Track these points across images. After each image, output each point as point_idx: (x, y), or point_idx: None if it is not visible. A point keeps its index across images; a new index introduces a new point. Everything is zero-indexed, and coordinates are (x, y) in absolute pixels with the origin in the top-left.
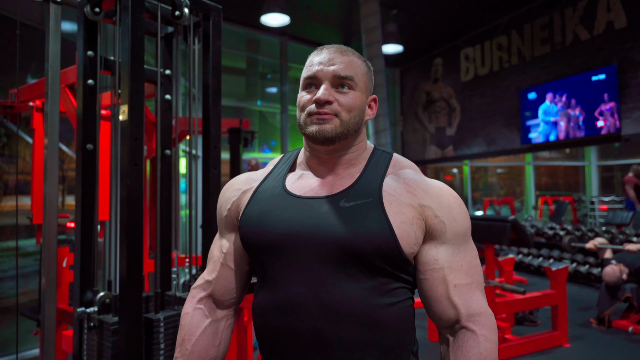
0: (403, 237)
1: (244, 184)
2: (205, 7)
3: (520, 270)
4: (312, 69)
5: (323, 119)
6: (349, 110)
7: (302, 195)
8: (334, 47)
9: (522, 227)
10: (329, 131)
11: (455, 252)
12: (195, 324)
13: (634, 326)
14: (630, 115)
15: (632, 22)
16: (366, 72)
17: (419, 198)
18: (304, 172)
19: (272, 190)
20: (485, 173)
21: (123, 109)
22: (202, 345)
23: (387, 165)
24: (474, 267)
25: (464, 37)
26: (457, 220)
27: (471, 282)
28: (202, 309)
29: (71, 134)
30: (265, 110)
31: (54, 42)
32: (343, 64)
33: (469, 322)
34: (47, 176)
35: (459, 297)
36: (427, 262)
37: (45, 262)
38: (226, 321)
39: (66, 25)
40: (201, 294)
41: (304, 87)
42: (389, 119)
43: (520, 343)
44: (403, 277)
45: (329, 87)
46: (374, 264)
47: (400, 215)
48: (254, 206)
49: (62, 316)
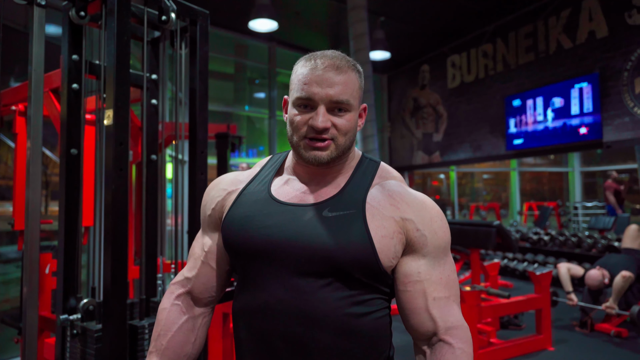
0: (383, 251)
1: (230, 185)
2: (192, 12)
3: (505, 275)
4: (307, 89)
5: (320, 146)
6: (345, 133)
7: (287, 202)
8: (328, 60)
9: (507, 232)
10: (324, 157)
11: (435, 265)
12: (172, 320)
13: (615, 329)
14: (612, 122)
15: (613, 31)
16: (360, 84)
17: (401, 211)
18: (290, 177)
19: (258, 195)
20: (471, 179)
21: (108, 114)
22: (178, 341)
23: (373, 175)
24: (452, 281)
25: (450, 45)
26: (438, 234)
27: (449, 296)
28: (179, 305)
29: (55, 138)
30: (253, 115)
31: (37, 45)
32: (340, 86)
33: (447, 335)
34: (29, 181)
35: (437, 310)
36: (409, 275)
37: (27, 269)
38: (203, 318)
39: (51, 29)
40: (180, 290)
41: (297, 105)
42: (376, 125)
43: (506, 347)
44: (380, 288)
45: (325, 112)
46: (353, 275)
47: (381, 229)
48: (238, 209)
49: (45, 324)
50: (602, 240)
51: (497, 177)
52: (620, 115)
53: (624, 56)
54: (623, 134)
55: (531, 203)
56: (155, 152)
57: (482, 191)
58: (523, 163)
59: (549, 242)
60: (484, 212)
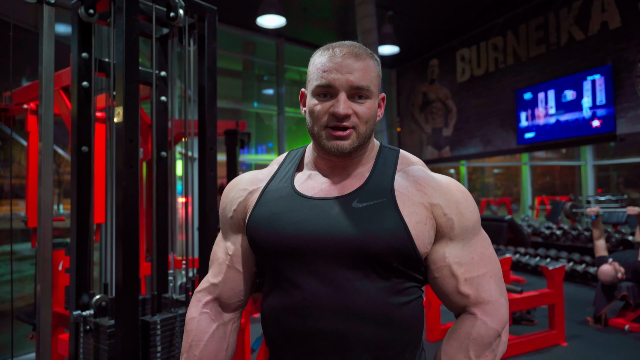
0: (419, 237)
1: (249, 184)
2: (200, 8)
3: (517, 270)
4: (327, 76)
5: (342, 135)
6: (366, 121)
7: (313, 196)
8: (346, 49)
9: (519, 227)
10: (347, 147)
11: (464, 247)
12: (202, 329)
13: (630, 324)
14: (625, 114)
15: (626, 22)
16: (378, 72)
17: (429, 196)
18: (312, 172)
19: (281, 191)
20: (482, 173)
21: (118, 111)
22: (211, 350)
23: (395, 162)
24: (487, 257)
25: (459, 38)
26: (464, 215)
27: (485, 273)
28: (208, 313)
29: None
30: (262, 112)
31: (47, 44)
32: (360, 72)
33: (475, 307)
34: (41, 179)
35: (469, 288)
36: (437, 260)
37: (41, 266)
38: (233, 324)
39: (61, 28)
40: (207, 298)
41: (316, 94)
42: (385, 121)
43: (518, 342)
44: (415, 276)
45: (347, 99)
46: (390, 264)
47: (414, 215)
48: (263, 207)
49: (58, 320)
50: (615, 235)
51: (508, 172)
52: (634, 107)
53: (637, 47)
54: (637, 127)
55: (543, 197)
56: (165, 150)
57: (493, 186)
58: (534, 157)
59: (561, 236)
60: (495, 207)
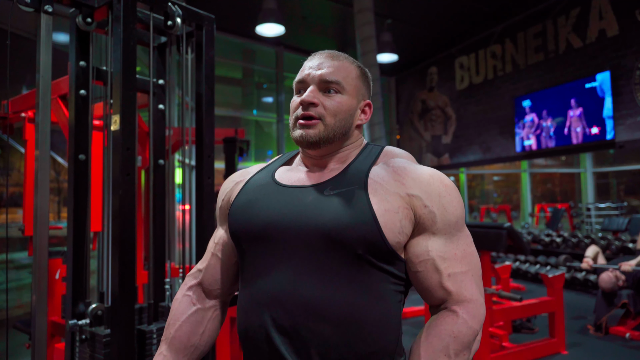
0: (387, 225)
1: (239, 177)
2: (198, 17)
3: (517, 278)
4: (302, 73)
5: (307, 124)
6: (334, 114)
7: (289, 185)
8: (325, 52)
9: (518, 234)
10: (312, 136)
11: (447, 242)
12: (181, 310)
13: (631, 332)
14: (624, 121)
15: (624, 30)
16: (358, 76)
17: (407, 187)
18: (296, 166)
19: (261, 181)
20: (481, 181)
21: (115, 119)
22: (185, 331)
23: (377, 155)
24: (469, 255)
25: (458, 46)
26: (447, 209)
27: (467, 270)
28: (190, 296)
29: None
30: (262, 119)
31: (45, 52)
32: (331, 68)
33: (455, 305)
34: (38, 187)
35: (452, 284)
36: (419, 254)
37: (36, 274)
38: (214, 312)
39: (59, 36)
40: (192, 282)
41: (295, 91)
42: (384, 128)
43: (518, 351)
44: (390, 271)
45: (315, 90)
46: (357, 253)
47: (384, 203)
48: (242, 196)
49: (55, 329)
50: (615, 242)
51: (508, 179)
52: (632, 114)
53: (635, 54)
54: (636, 134)
55: (543, 205)
56: (162, 157)
57: (493, 193)
58: (534, 164)
59: (561, 244)
60: (495, 215)
